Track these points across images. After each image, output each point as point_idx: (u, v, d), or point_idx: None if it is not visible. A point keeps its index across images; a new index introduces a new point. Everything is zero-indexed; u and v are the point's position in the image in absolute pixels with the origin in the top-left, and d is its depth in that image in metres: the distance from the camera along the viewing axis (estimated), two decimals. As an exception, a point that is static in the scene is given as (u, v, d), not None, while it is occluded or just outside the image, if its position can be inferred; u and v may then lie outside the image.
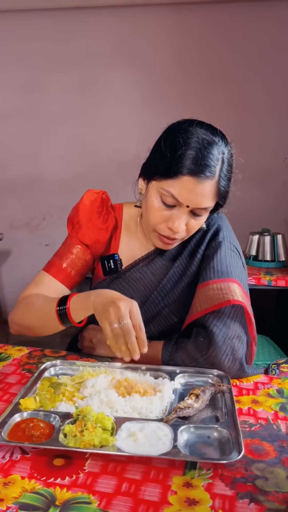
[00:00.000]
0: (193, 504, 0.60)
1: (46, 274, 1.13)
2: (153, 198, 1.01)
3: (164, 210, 1.00)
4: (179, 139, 0.96)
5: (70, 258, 1.13)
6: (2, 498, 0.61)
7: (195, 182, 0.95)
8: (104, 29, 3.15)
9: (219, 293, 0.99)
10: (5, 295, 3.61)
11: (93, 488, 0.63)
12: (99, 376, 0.92)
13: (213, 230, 1.12)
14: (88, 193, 1.16)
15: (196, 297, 1.04)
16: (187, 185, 0.95)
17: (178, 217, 0.99)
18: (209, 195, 0.98)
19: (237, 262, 1.08)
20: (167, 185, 0.97)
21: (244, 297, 1.00)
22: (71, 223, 1.16)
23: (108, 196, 1.18)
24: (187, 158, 0.94)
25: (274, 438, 0.75)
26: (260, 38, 3.01)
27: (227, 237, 1.11)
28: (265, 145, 3.12)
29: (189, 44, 3.09)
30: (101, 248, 1.16)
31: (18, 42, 3.24)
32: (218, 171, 0.98)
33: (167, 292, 1.12)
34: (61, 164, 3.35)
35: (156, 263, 1.14)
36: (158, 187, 0.99)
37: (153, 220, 1.02)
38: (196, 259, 1.11)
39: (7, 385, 0.95)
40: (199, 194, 0.97)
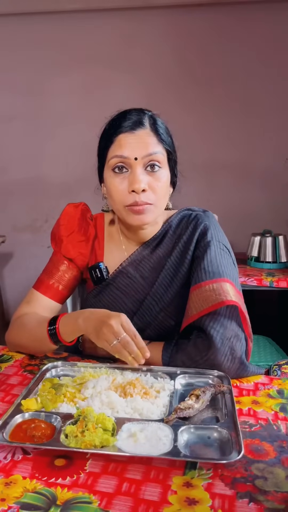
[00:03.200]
0: (193, 504, 0.60)
1: (36, 292, 1.15)
2: (109, 178, 1.05)
3: (122, 181, 1.03)
4: (109, 120, 1.08)
5: (57, 275, 1.16)
6: (4, 498, 0.61)
7: (130, 135, 1.02)
8: (105, 32, 3.16)
9: (212, 294, 0.99)
10: (8, 297, 3.63)
11: (93, 488, 0.63)
12: (100, 377, 0.93)
13: (200, 229, 1.11)
14: (68, 208, 1.20)
15: (191, 300, 1.04)
16: (125, 140, 1.02)
17: (134, 175, 1.02)
18: (149, 140, 1.03)
19: (227, 261, 1.08)
20: (111, 153, 1.04)
21: (237, 296, 1.01)
22: (53, 239, 1.19)
23: (87, 208, 1.21)
24: (118, 125, 1.04)
25: (274, 438, 0.76)
26: (261, 40, 3.02)
27: (215, 236, 1.11)
28: (266, 146, 3.12)
29: (190, 46, 3.10)
30: (84, 260, 1.18)
31: (20, 45, 3.26)
32: (148, 122, 1.05)
33: (161, 296, 1.12)
34: (63, 166, 3.36)
35: (144, 266, 1.14)
36: (107, 164, 1.05)
37: (117, 195, 1.04)
38: (187, 260, 1.10)
39: (8, 386, 0.96)
40: (139, 142, 1.02)
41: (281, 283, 2.17)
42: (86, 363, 1.03)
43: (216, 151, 3.19)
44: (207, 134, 3.16)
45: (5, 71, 3.32)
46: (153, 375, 0.96)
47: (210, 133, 3.16)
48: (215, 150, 3.19)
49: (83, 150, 3.40)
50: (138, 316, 1.14)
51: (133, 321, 1.13)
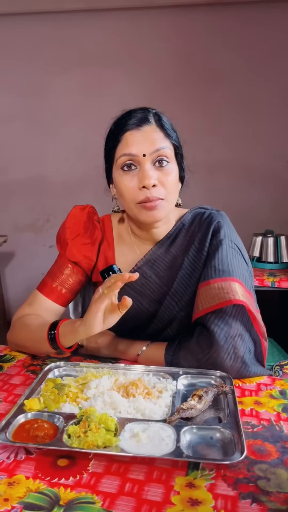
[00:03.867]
0: (196, 504, 0.61)
1: (39, 294, 1.15)
2: (118, 177, 1.05)
3: (131, 178, 1.03)
4: (114, 121, 1.08)
5: (61, 278, 1.15)
6: (7, 498, 0.62)
7: (137, 132, 1.03)
8: (106, 32, 3.16)
9: (220, 293, 0.99)
10: (10, 296, 3.63)
11: (96, 488, 0.64)
12: (102, 377, 0.93)
13: (213, 227, 1.11)
14: (74, 210, 1.19)
15: (198, 296, 1.04)
16: (132, 138, 1.03)
17: (144, 172, 1.02)
18: (156, 136, 1.03)
19: (238, 261, 1.08)
20: (119, 152, 1.04)
21: (247, 296, 1.00)
22: (59, 242, 1.18)
23: (94, 210, 1.20)
24: (124, 124, 1.04)
25: (276, 439, 0.76)
26: (262, 40, 3.02)
27: (228, 235, 1.10)
28: (268, 146, 3.12)
29: (192, 46, 3.10)
30: (90, 263, 1.17)
31: (22, 45, 3.26)
32: (153, 119, 1.06)
33: (181, 296, 1.11)
34: (64, 166, 3.36)
35: (159, 266, 1.13)
36: (116, 164, 1.05)
37: (128, 194, 1.04)
38: (203, 258, 1.10)
39: (11, 386, 0.96)
40: (146, 138, 1.02)
41: (283, 284, 2.17)
42: (89, 363, 1.03)
43: (217, 151, 3.19)
44: (208, 134, 3.16)
45: (6, 71, 3.32)
46: (156, 376, 0.96)
47: (211, 133, 3.16)
48: (216, 150, 3.19)
49: (84, 150, 3.41)
50: (159, 317, 1.13)
51: (153, 322, 1.13)
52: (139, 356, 1.07)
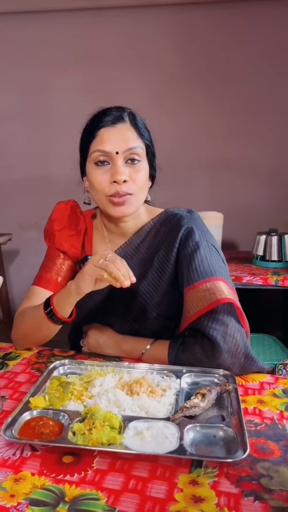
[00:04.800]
0: (199, 502, 0.61)
1: (36, 287, 1.18)
2: (91, 170, 1.08)
3: (103, 173, 1.06)
4: (90, 118, 1.12)
5: (55, 268, 1.19)
6: (13, 494, 0.63)
7: (111, 129, 1.06)
8: (110, 30, 3.16)
9: (207, 294, 1.00)
10: (14, 294, 3.65)
11: (101, 485, 0.64)
12: (107, 375, 0.94)
13: (183, 230, 1.11)
14: (58, 205, 1.25)
15: (186, 301, 1.04)
16: (106, 134, 1.06)
17: (115, 167, 1.05)
18: (129, 135, 1.07)
19: (218, 260, 1.09)
20: (93, 147, 1.07)
21: (231, 293, 1.01)
22: (46, 235, 1.23)
23: (77, 204, 1.26)
24: (99, 120, 1.08)
25: (279, 437, 0.76)
26: (267, 37, 3.01)
27: (202, 236, 1.11)
28: (272, 144, 3.12)
29: (196, 43, 3.10)
30: (77, 252, 1.21)
31: (26, 43, 3.28)
32: (128, 117, 1.09)
33: (151, 296, 1.13)
34: (69, 164, 3.34)
35: (128, 263, 1.13)
36: (89, 158, 1.08)
37: (99, 186, 1.07)
38: (172, 258, 1.10)
39: (16, 383, 0.97)
40: (119, 136, 1.05)
41: (287, 282, 2.17)
42: (93, 361, 1.04)
43: (221, 149, 3.19)
44: (212, 132, 3.16)
45: (11, 70, 3.33)
46: (159, 374, 0.97)
47: (215, 131, 3.16)
48: (220, 148, 3.19)
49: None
50: (131, 315, 1.15)
51: (127, 321, 1.15)
52: (143, 354, 1.08)
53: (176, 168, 2.83)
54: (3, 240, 3.22)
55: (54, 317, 1.03)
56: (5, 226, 3.49)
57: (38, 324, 1.07)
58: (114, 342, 1.13)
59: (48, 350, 1.16)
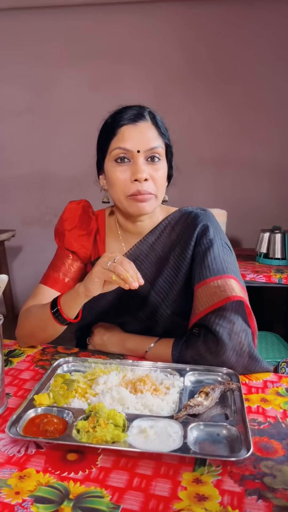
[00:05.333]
0: (203, 500, 0.62)
1: (43, 286, 1.18)
2: (111, 168, 1.07)
3: (124, 171, 1.06)
4: (109, 115, 1.11)
5: (63, 268, 1.19)
6: (18, 491, 0.63)
7: (134, 127, 1.05)
8: (114, 26, 3.15)
9: (217, 291, 1.00)
10: (17, 290, 3.66)
11: (105, 483, 0.65)
12: (110, 373, 0.94)
13: (199, 227, 1.12)
14: (70, 204, 1.23)
15: (196, 297, 1.05)
16: (128, 132, 1.05)
17: (137, 165, 1.04)
18: (151, 134, 1.06)
19: (230, 258, 1.10)
20: (114, 145, 1.06)
21: (242, 291, 1.02)
22: (57, 235, 1.22)
23: (89, 204, 1.24)
24: (120, 117, 1.07)
25: (282, 436, 0.77)
26: (272, 34, 3.00)
27: (217, 234, 1.12)
28: (276, 141, 3.11)
29: (200, 40, 3.08)
30: (87, 253, 1.20)
31: (29, 39, 3.27)
32: (148, 116, 1.08)
33: (166, 293, 1.13)
34: (71, 160, 3.37)
35: (142, 261, 1.15)
36: (109, 156, 1.07)
37: (119, 185, 1.06)
38: (188, 256, 1.11)
39: (21, 381, 0.97)
40: (141, 135, 1.05)
41: (290, 280, 2.17)
42: (97, 359, 1.05)
43: (225, 147, 3.18)
44: (216, 129, 3.15)
45: (14, 65, 3.33)
46: (163, 372, 0.97)
47: (219, 127, 3.15)
48: (224, 145, 3.18)
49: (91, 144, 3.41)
50: (145, 313, 1.15)
51: (140, 318, 1.15)
52: (147, 353, 1.08)
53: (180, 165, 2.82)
54: (6, 236, 3.23)
55: (60, 318, 1.03)
56: (8, 222, 3.50)
57: (44, 324, 1.07)
58: (118, 339, 1.13)
59: (52, 347, 1.16)
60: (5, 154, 3.50)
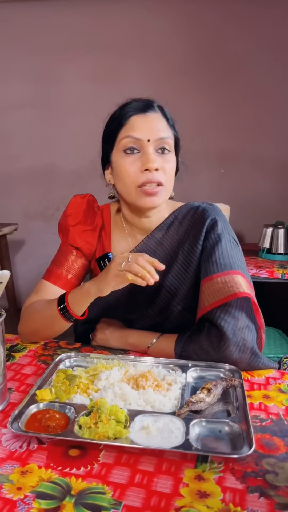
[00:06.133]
0: (204, 497, 0.62)
1: (46, 282, 1.17)
2: (119, 159, 1.07)
3: (133, 162, 1.05)
4: (118, 107, 1.10)
5: (66, 264, 1.18)
6: (20, 487, 0.63)
7: (143, 117, 1.05)
8: (117, 19, 3.13)
9: (224, 287, 1.00)
10: (20, 284, 3.66)
11: (107, 479, 0.65)
12: (112, 368, 0.94)
13: (208, 221, 1.11)
14: (74, 199, 1.21)
15: (202, 292, 1.04)
16: (138, 122, 1.04)
17: (147, 155, 1.03)
18: (161, 124, 1.06)
19: (238, 254, 1.09)
20: (123, 134, 1.05)
21: (249, 288, 1.01)
22: (61, 230, 1.21)
23: (94, 198, 1.22)
24: (130, 108, 1.06)
25: (284, 433, 0.76)
26: (277, 27, 2.96)
27: (225, 229, 1.12)
28: (280, 136, 3.08)
29: (205, 33, 3.05)
30: (91, 249, 1.19)
31: (33, 32, 3.25)
32: (157, 108, 1.09)
33: (177, 289, 1.13)
34: (75, 154, 3.36)
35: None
36: (118, 146, 1.06)
37: (129, 176, 1.05)
38: (197, 251, 1.11)
39: (23, 376, 0.97)
40: (152, 125, 1.04)
41: (293, 275, 2.16)
42: (99, 354, 1.04)
43: (228, 141, 3.16)
44: (220, 124, 3.13)
45: (16, 59, 3.31)
46: (165, 368, 0.97)
47: (223, 122, 3.13)
48: (227, 140, 3.16)
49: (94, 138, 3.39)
50: (155, 310, 1.14)
51: (149, 315, 1.15)
52: (149, 348, 1.08)
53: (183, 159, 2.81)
54: (9, 230, 3.23)
55: (68, 315, 1.03)
56: (11, 216, 3.50)
57: (49, 321, 1.07)
58: (120, 334, 1.13)
59: (54, 342, 1.16)
60: (8, 148, 3.49)
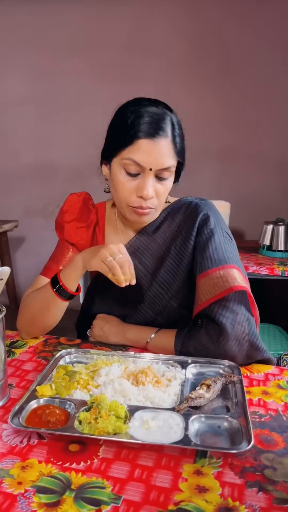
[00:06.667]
0: (203, 492, 0.62)
1: (44, 277, 1.18)
2: (118, 173, 1.05)
3: (130, 181, 1.04)
4: (128, 111, 1.03)
5: (64, 260, 1.19)
6: (21, 481, 0.64)
7: (152, 143, 1.00)
8: (119, 15, 3.12)
9: (220, 281, 1.00)
10: (20, 281, 3.67)
11: (107, 474, 0.65)
12: (112, 364, 0.94)
13: (200, 216, 1.12)
14: (70, 197, 1.23)
15: (199, 288, 1.05)
16: (145, 147, 1.00)
17: (145, 184, 1.03)
18: (167, 153, 1.03)
19: (232, 247, 1.10)
20: (126, 154, 1.02)
21: (244, 281, 1.02)
22: (57, 227, 1.23)
23: (89, 196, 1.24)
24: (139, 124, 1.00)
25: (283, 429, 0.77)
26: (279, 23, 2.95)
27: (218, 223, 1.12)
28: (281, 133, 3.08)
29: (206, 30, 3.05)
30: (86, 245, 1.21)
31: (33, 28, 3.24)
32: (170, 131, 1.03)
33: (169, 284, 1.13)
34: (75, 151, 3.36)
35: (142, 253, 1.16)
36: (120, 160, 1.04)
37: (123, 194, 1.06)
38: (190, 246, 1.11)
39: (23, 372, 0.98)
40: (158, 154, 1.01)
41: (293, 272, 2.16)
42: (99, 350, 1.05)
43: (229, 138, 3.16)
44: (220, 120, 3.13)
45: (18, 55, 3.30)
46: (165, 364, 0.98)
47: (224, 119, 3.13)
48: (228, 136, 3.16)
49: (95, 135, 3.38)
50: (148, 305, 1.15)
51: (142, 309, 1.15)
52: (148, 343, 1.08)
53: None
54: (9, 227, 3.23)
55: (63, 292, 1.06)
56: (11, 213, 3.50)
57: (46, 304, 1.08)
58: (118, 330, 1.14)
59: (55, 338, 1.16)
60: (8, 145, 3.48)
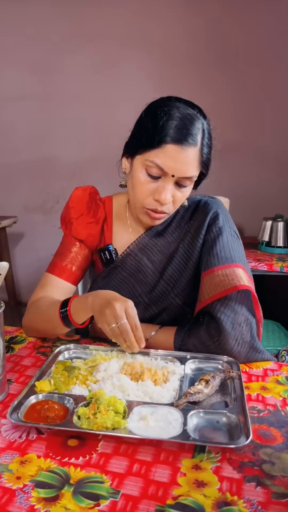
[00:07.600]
0: (202, 486, 0.62)
1: (51, 275, 1.17)
2: (139, 172, 1.02)
3: (150, 182, 1.02)
4: (160, 111, 0.99)
5: (70, 257, 1.17)
6: (19, 476, 0.64)
7: (179, 150, 0.97)
8: (118, 10, 3.09)
9: (225, 280, 1.00)
10: (19, 277, 3.67)
11: (105, 468, 0.66)
12: (111, 360, 0.94)
13: (210, 214, 1.12)
14: (76, 191, 1.20)
15: (203, 285, 1.05)
16: (171, 153, 0.97)
17: (164, 188, 1.00)
18: (193, 163, 1.00)
19: (239, 247, 1.10)
20: (151, 156, 0.98)
21: (249, 281, 1.02)
22: (63, 222, 1.21)
23: (96, 190, 1.22)
24: (169, 127, 0.96)
25: (281, 424, 0.77)
26: (280, 18, 2.93)
27: (226, 222, 1.12)
28: (281, 129, 3.06)
29: (205, 25, 3.03)
30: (95, 241, 1.19)
31: (32, 23, 3.21)
32: (200, 139, 1.00)
33: (176, 281, 1.13)
34: (74, 146, 3.34)
35: (151, 250, 1.15)
36: (143, 160, 1.00)
37: (140, 194, 1.04)
38: (198, 244, 1.11)
39: (22, 367, 0.98)
40: (183, 162, 0.98)
41: (292, 269, 2.16)
42: (98, 346, 1.05)
43: (228, 134, 3.14)
44: (220, 115, 3.10)
45: (16, 49, 3.28)
46: (164, 360, 0.98)
47: (224, 114, 3.11)
48: (227, 132, 3.14)
49: (94, 130, 3.39)
50: (152, 301, 1.15)
51: (148, 306, 1.15)
52: (148, 340, 1.08)
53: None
54: (8, 222, 3.22)
55: (67, 320, 1.00)
56: (10, 208, 3.49)
57: (51, 323, 1.05)
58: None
59: (54, 334, 1.16)
60: (7, 140, 3.47)
